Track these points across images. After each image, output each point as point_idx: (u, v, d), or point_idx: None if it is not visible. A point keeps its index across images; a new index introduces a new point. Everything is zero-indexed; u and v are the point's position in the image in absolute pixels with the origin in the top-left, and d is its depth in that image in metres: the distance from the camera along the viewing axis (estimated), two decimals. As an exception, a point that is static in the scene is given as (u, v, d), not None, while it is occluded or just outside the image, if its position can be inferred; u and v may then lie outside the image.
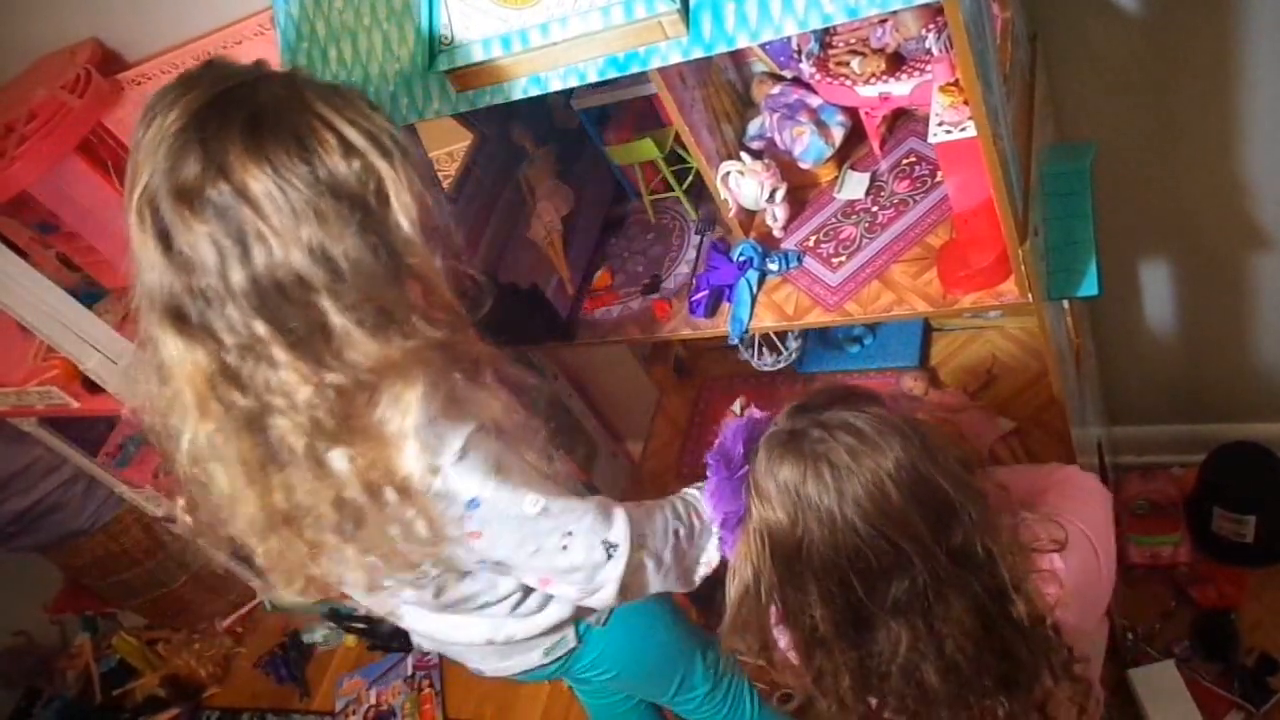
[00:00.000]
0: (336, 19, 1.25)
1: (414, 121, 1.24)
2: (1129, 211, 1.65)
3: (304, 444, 0.99)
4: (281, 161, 0.92)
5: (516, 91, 1.15)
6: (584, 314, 1.64)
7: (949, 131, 1.13)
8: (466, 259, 1.12)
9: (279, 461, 1.00)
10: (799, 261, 1.46)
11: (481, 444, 1.08)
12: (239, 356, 0.96)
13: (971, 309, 1.30)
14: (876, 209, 1.47)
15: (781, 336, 1.85)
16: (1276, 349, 1.85)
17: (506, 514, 1.12)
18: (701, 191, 1.59)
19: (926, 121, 1.17)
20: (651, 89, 1.41)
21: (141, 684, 3.12)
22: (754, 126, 1.58)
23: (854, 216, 1.48)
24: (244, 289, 0.93)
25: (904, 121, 1.53)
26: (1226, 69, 1.44)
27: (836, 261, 1.43)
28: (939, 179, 1.42)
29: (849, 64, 1.37)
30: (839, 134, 1.50)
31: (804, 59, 1.43)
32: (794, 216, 1.52)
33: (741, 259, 1.46)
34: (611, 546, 1.20)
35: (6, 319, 1.94)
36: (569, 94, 1.57)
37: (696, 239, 1.62)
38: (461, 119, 1.67)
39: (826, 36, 1.44)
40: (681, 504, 1.31)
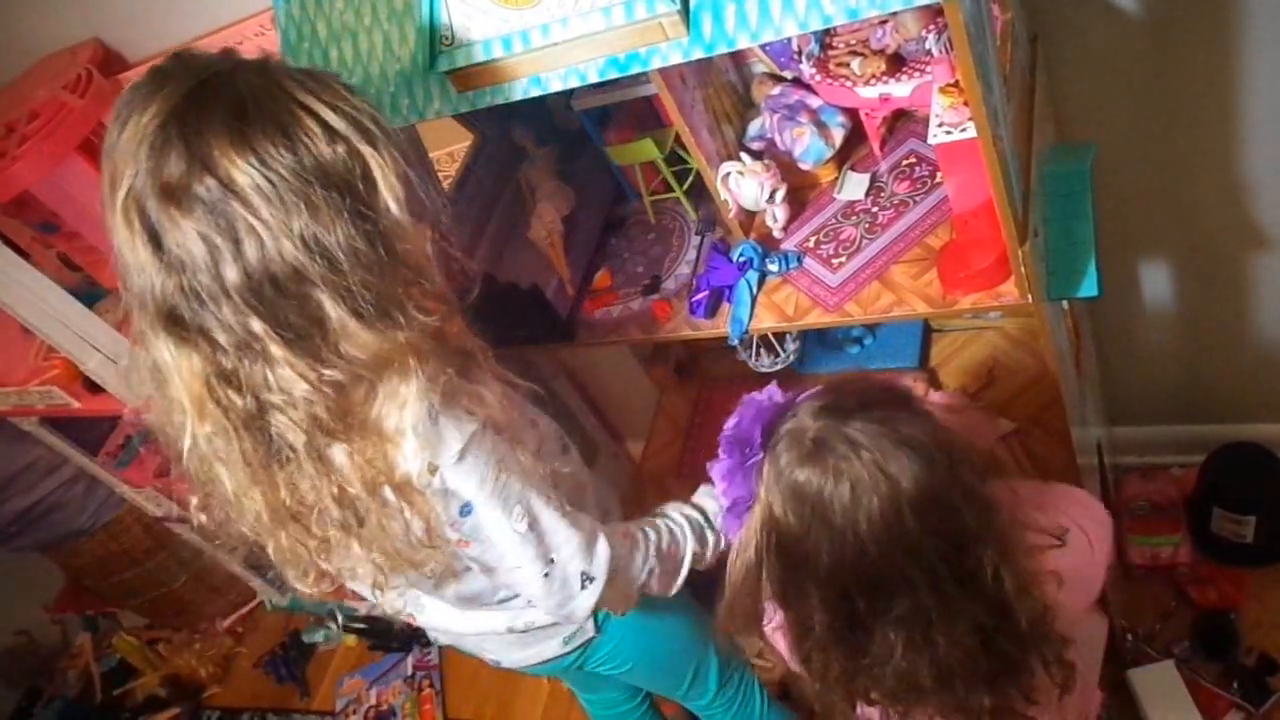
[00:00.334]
0: (337, 19, 1.25)
1: (415, 122, 1.24)
2: (1129, 212, 1.66)
3: (304, 440, 0.99)
4: (267, 151, 0.90)
5: (517, 92, 1.16)
6: (584, 314, 1.64)
7: (949, 132, 1.13)
8: (464, 256, 1.12)
9: (281, 459, 1.00)
10: (799, 262, 1.46)
11: (481, 446, 1.09)
12: (236, 356, 0.95)
13: (971, 310, 1.30)
14: (876, 210, 1.47)
15: (781, 337, 1.85)
16: (1277, 349, 1.85)
17: (496, 526, 1.13)
18: (701, 192, 1.59)
19: (926, 122, 1.17)
20: (652, 89, 1.41)
21: (142, 684, 3.13)
22: (754, 127, 1.58)
23: (854, 217, 1.48)
24: (238, 285, 0.92)
25: (904, 122, 1.53)
26: (1227, 70, 1.44)
27: (836, 262, 1.43)
28: (939, 180, 1.42)
29: (849, 65, 1.37)
30: (839, 135, 1.50)
31: (804, 60, 1.43)
32: (794, 217, 1.52)
33: (741, 260, 1.46)
34: (588, 579, 1.22)
35: (7, 319, 1.94)
36: (569, 94, 1.57)
37: (696, 239, 1.62)
38: (462, 119, 1.67)
39: (827, 37, 1.44)
40: (668, 536, 1.33)
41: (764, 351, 1.88)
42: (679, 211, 1.68)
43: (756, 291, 1.46)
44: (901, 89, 1.34)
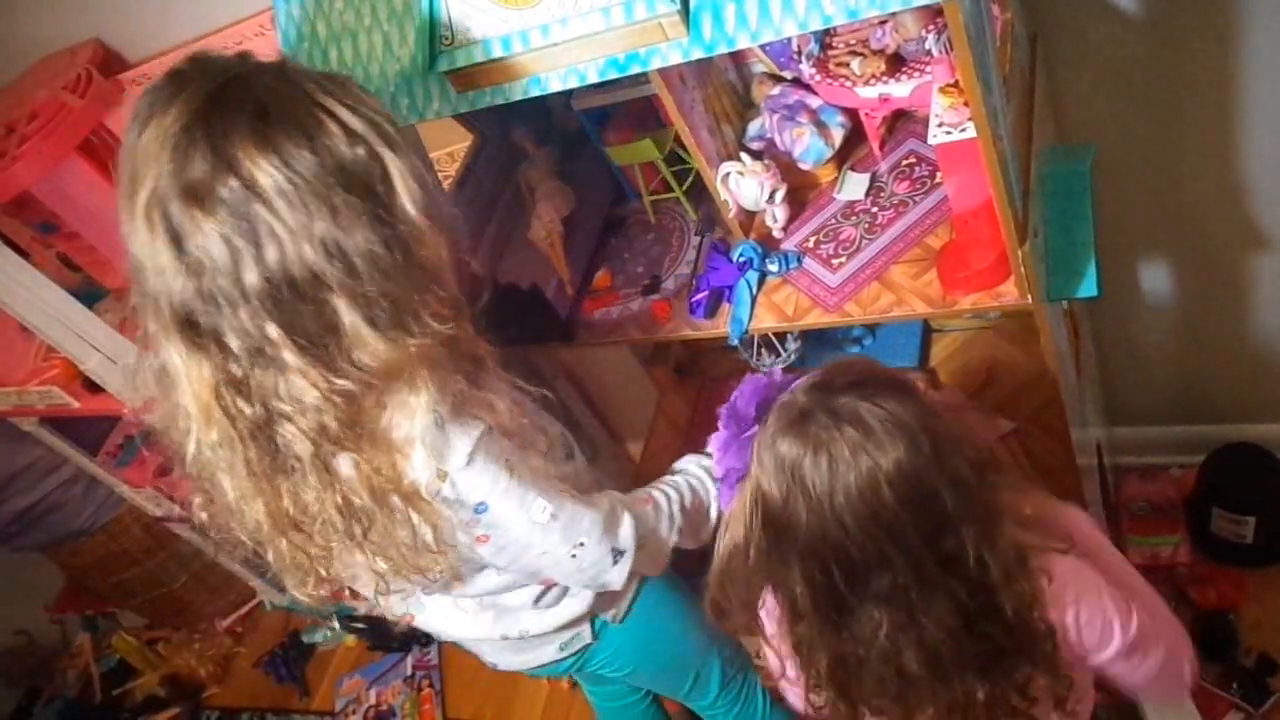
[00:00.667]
0: (337, 20, 1.25)
1: (415, 122, 1.24)
2: (1129, 213, 1.66)
3: (310, 450, 0.98)
4: (289, 153, 0.91)
5: (517, 92, 1.16)
6: (584, 315, 1.64)
7: (949, 133, 1.13)
8: (466, 256, 1.12)
9: (285, 469, 1.00)
10: (799, 262, 1.46)
11: (490, 448, 1.09)
12: (248, 363, 0.95)
13: (971, 310, 1.30)
14: (876, 210, 1.47)
15: (781, 337, 1.86)
16: (1276, 349, 1.85)
17: (515, 520, 1.13)
18: (701, 192, 1.59)
19: (926, 123, 1.17)
20: (652, 90, 1.41)
21: (141, 684, 3.12)
22: (754, 127, 1.59)
23: (854, 217, 1.48)
24: (257, 289, 0.92)
25: (904, 122, 1.53)
26: (1226, 70, 1.44)
27: (836, 262, 1.43)
28: (939, 180, 1.42)
29: (849, 65, 1.37)
30: (839, 135, 1.50)
31: (804, 60, 1.44)
32: (794, 217, 1.52)
33: (741, 260, 1.46)
34: (619, 553, 1.24)
35: (7, 319, 1.94)
36: (569, 95, 1.57)
37: (696, 240, 1.62)
38: (462, 120, 1.67)
39: (826, 38, 1.44)
40: (689, 490, 1.35)
41: (765, 351, 1.88)
42: (679, 212, 1.68)
43: (756, 292, 1.46)
44: (901, 89, 1.34)
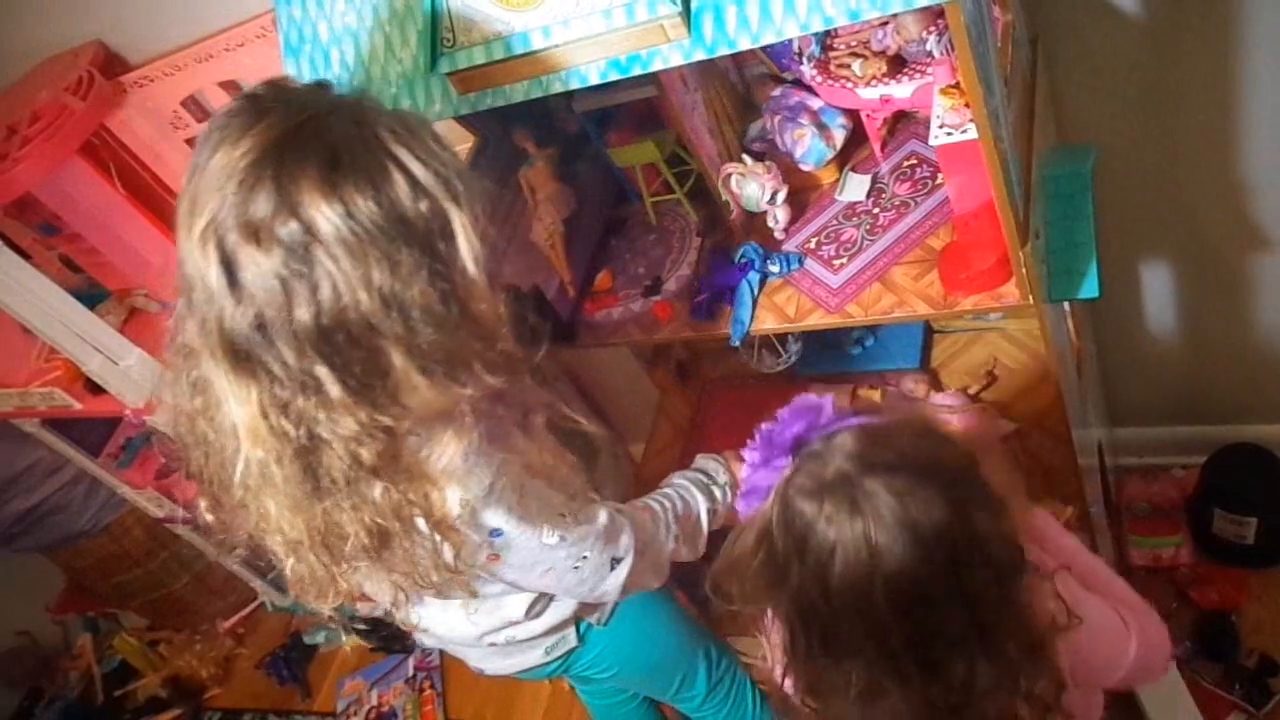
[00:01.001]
0: (339, 21, 1.25)
1: (416, 124, 1.24)
2: (1130, 213, 1.66)
3: (347, 476, 0.99)
4: (354, 202, 0.90)
5: (518, 94, 1.16)
6: (585, 316, 1.64)
7: (950, 134, 1.13)
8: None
9: (323, 491, 1.00)
10: (800, 263, 1.46)
11: (508, 477, 1.10)
12: (293, 390, 0.94)
13: (973, 311, 1.30)
14: (877, 211, 1.47)
15: (782, 338, 1.86)
16: (1277, 350, 1.85)
17: (527, 544, 1.15)
18: (703, 194, 1.59)
19: (927, 124, 1.17)
20: (653, 91, 1.41)
21: (143, 685, 3.12)
22: (755, 129, 1.59)
23: (855, 218, 1.48)
24: (308, 330, 0.92)
25: (905, 124, 1.53)
26: (1227, 71, 1.44)
27: (838, 263, 1.43)
28: (940, 181, 1.42)
29: (850, 66, 1.37)
30: (840, 136, 1.50)
31: (805, 61, 1.44)
32: (795, 218, 1.52)
33: (743, 261, 1.47)
34: (617, 561, 1.25)
35: (9, 320, 1.94)
36: (570, 96, 1.57)
37: (698, 241, 1.62)
38: (463, 121, 1.67)
39: (827, 39, 1.44)
40: (679, 499, 1.36)
41: (766, 352, 1.88)
42: (680, 213, 1.68)
43: (758, 293, 1.46)
44: (902, 90, 1.34)
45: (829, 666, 0.98)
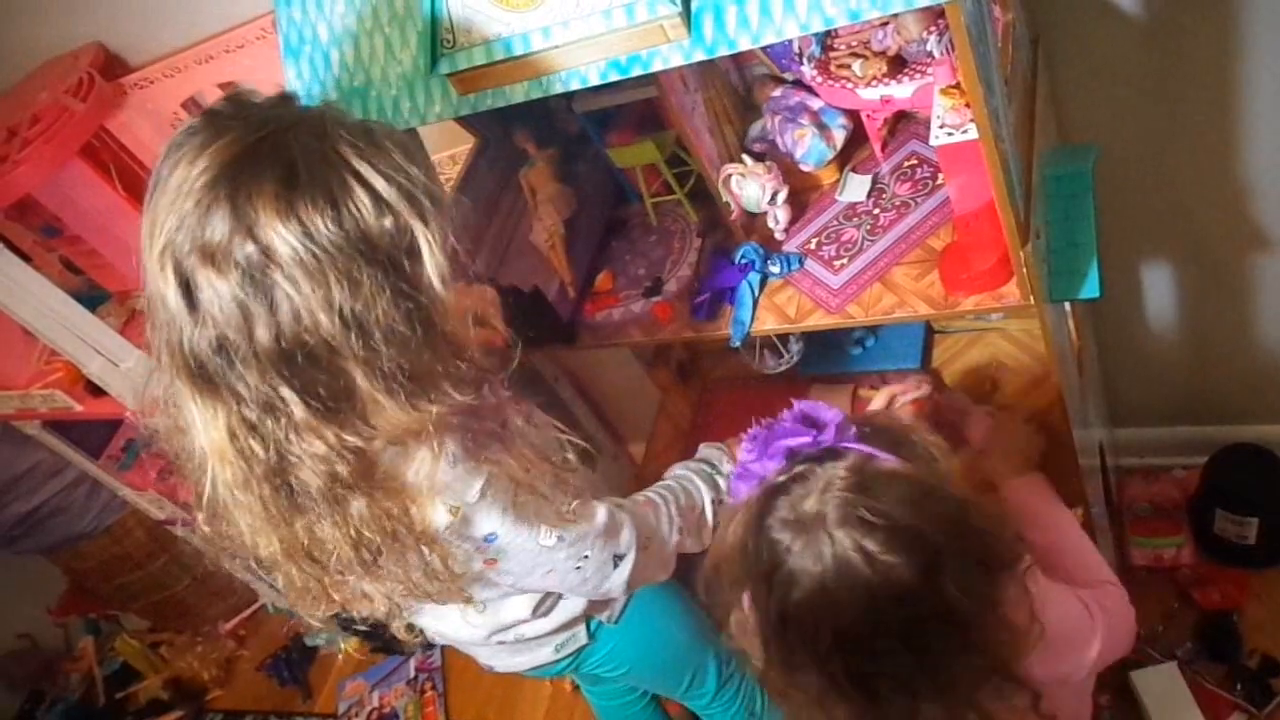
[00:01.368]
0: (338, 23, 1.25)
1: (416, 125, 1.25)
2: (1131, 213, 1.66)
3: (323, 493, 0.98)
4: (312, 222, 0.88)
5: (518, 94, 1.16)
6: (585, 317, 1.64)
7: (950, 134, 1.13)
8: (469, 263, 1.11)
9: (301, 507, 1.00)
10: (800, 264, 1.46)
11: (501, 483, 1.10)
12: (260, 413, 0.94)
13: (973, 311, 1.30)
14: (878, 211, 1.47)
15: (783, 338, 1.85)
16: (1278, 350, 1.85)
17: (524, 547, 1.14)
18: (703, 194, 1.59)
19: (928, 124, 1.17)
20: (653, 92, 1.41)
21: (145, 686, 3.13)
22: (755, 129, 1.59)
23: (855, 219, 1.48)
24: (269, 352, 0.91)
25: (905, 124, 1.53)
26: (1227, 70, 1.44)
27: (838, 264, 1.43)
28: (940, 181, 1.42)
29: (850, 66, 1.37)
30: (840, 136, 1.50)
31: (805, 61, 1.44)
32: (795, 219, 1.52)
33: (743, 261, 1.46)
34: (619, 557, 1.24)
35: (9, 323, 1.94)
36: (570, 97, 1.57)
37: (698, 242, 1.62)
38: (463, 122, 1.67)
39: (828, 39, 1.44)
40: (681, 491, 1.35)
41: (767, 353, 1.88)
42: (680, 214, 1.68)
43: (758, 293, 1.46)
44: (903, 90, 1.34)
45: (786, 674, 0.99)
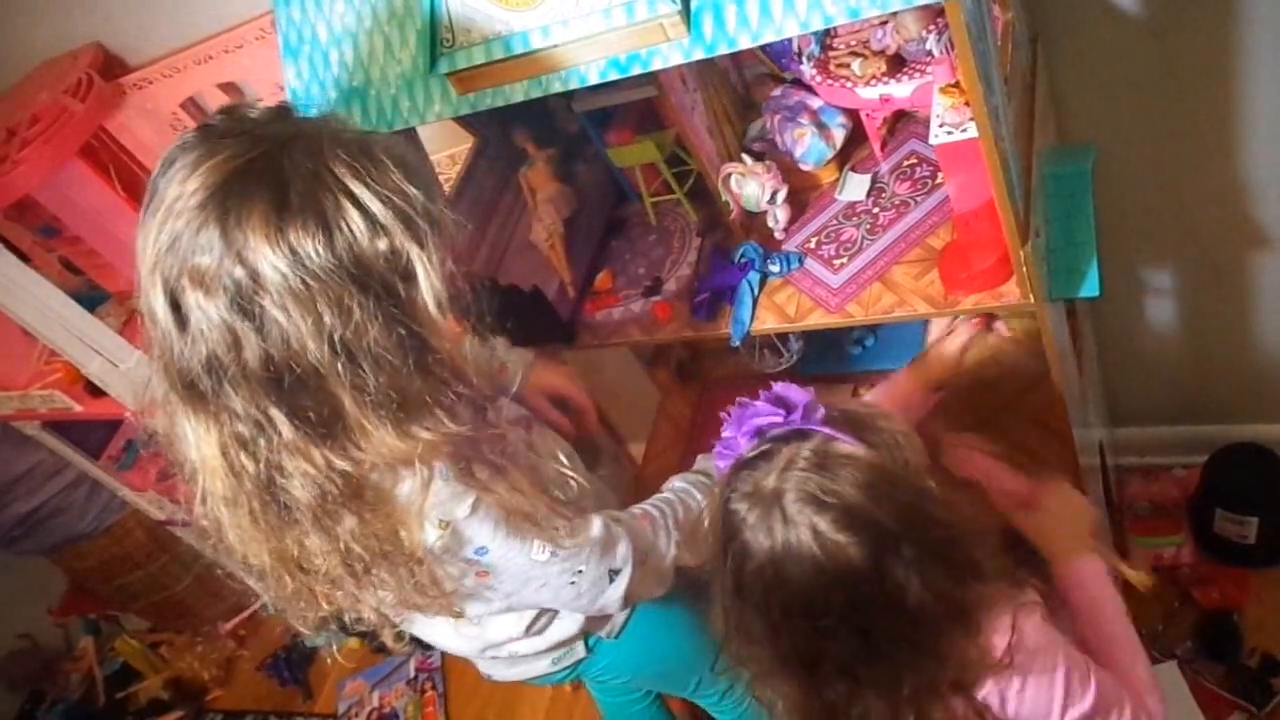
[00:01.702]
0: (338, 22, 1.25)
1: (415, 125, 1.24)
2: (1130, 213, 1.65)
3: (312, 510, 0.98)
4: (303, 247, 0.87)
5: (518, 94, 1.15)
6: (585, 316, 1.64)
7: (950, 133, 1.13)
8: (467, 268, 1.11)
9: (289, 520, 0.99)
10: (800, 263, 1.46)
11: (492, 496, 1.09)
12: (251, 431, 0.93)
13: (973, 311, 1.30)
14: (878, 210, 1.47)
15: (783, 338, 1.85)
16: (1278, 349, 1.85)
17: (515, 561, 1.13)
18: (702, 193, 1.59)
19: (927, 123, 1.17)
20: (653, 91, 1.41)
21: (145, 687, 3.12)
22: (755, 128, 1.59)
23: (855, 218, 1.48)
24: (258, 374, 0.90)
25: (905, 123, 1.53)
26: (1227, 70, 1.44)
27: (838, 263, 1.43)
28: (940, 180, 1.42)
29: (850, 66, 1.37)
30: (840, 136, 1.50)
31: (805, 61, 1.43)
32: (795, 218, 1.52)
33: (743, 261, 1.46)
34: (615, 572, 1.22)
35: (9, 323, 1.94)
36: (570, 96, 1.57)
37: (697, 241, 1.62)
38: (463, 122, 1.67)
39: (827, 38, 1.44)
40: (679, 503, 1.33)
41: (767, 352, 1.88)
42: (680, 213, 1.68)
43: (758, 293, 1.46)
44: (902, 90, 1.34)
45: (743, 644, 1.03)
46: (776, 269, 1.46)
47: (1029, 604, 1.04)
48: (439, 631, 1.33)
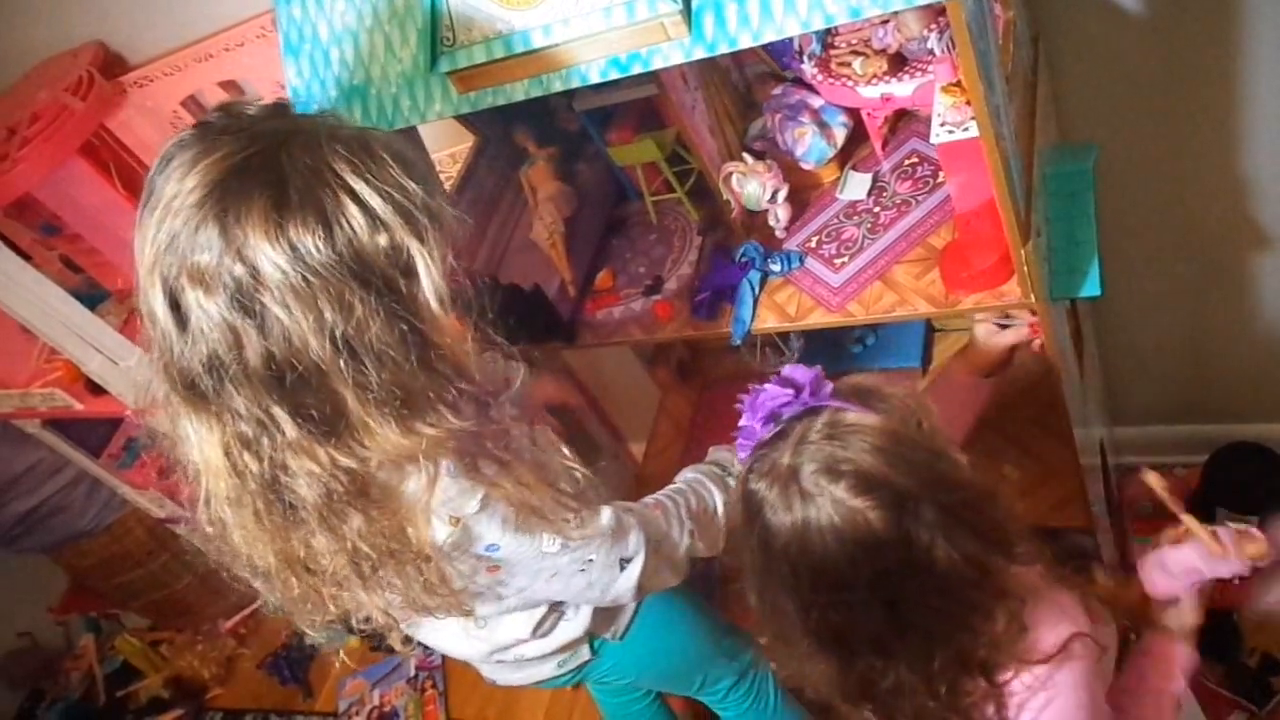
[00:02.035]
0: (339, 21, 1.25)
1: (416, 124, 1.24)
2: (1131, 212, 1.65)
3: (318, 509, 0.97)
4: (303, 243, 0.86)
5: (519, 93, 1.15)
6: (586, 315, 1.64)
7: (951, 132, 1.13)
8: (468, 266, 1.10)
9: (296, 521, 0.99)
10: (801, 262, 1.46)
11: (501, 491, 1.09)
12: (254, 430, 0.93)
13: (974, 310, 1.30)
14: (878, 209, 1.46)
15: (784, 337, 1.85)
16: (1279, 349, 1.85)
17: (525, 554, 1.13)
18: (703, 192, 1.59)
19: (928, 122, 1.17)
20: (653, 90, 1.41)
21: (145, 685, 3.13)
22: (756, 127, 1.59)
23: (856, 217, 1.48)
24: (259, 372, 0.89)
25: (906, 122, 1.53)
26: (1229, 69, 1.44)
27: (839, 262, 1.43)
28: (941, 180, 1.41)
29: (851, 65, 1.37)
30: (841, 135, 1.50)
31: (806, 60, 1.43)
32: (796, 217, 1.52)
33: (743, 260, 1.46)
34: (626, 561, 1.22)
35: (9, 321, 1.94)
36: (571, 95, 1.57)
37: (698, 240, 1.62)
38: (463, 120, 1.67)
39: (828, 37, 1.44)
40: (692, 494, 1.33)
41: (768, 351, 1.88)
42: (680, 212, 1.68)
43: (759, 292, 1.46)
44: (903, 88, 1.34)
45: (774, 624, 1.03)
46: (777, 268, 1.46)
47: (1091, 640, 1.05)
48: (446, 636, 1.33)
